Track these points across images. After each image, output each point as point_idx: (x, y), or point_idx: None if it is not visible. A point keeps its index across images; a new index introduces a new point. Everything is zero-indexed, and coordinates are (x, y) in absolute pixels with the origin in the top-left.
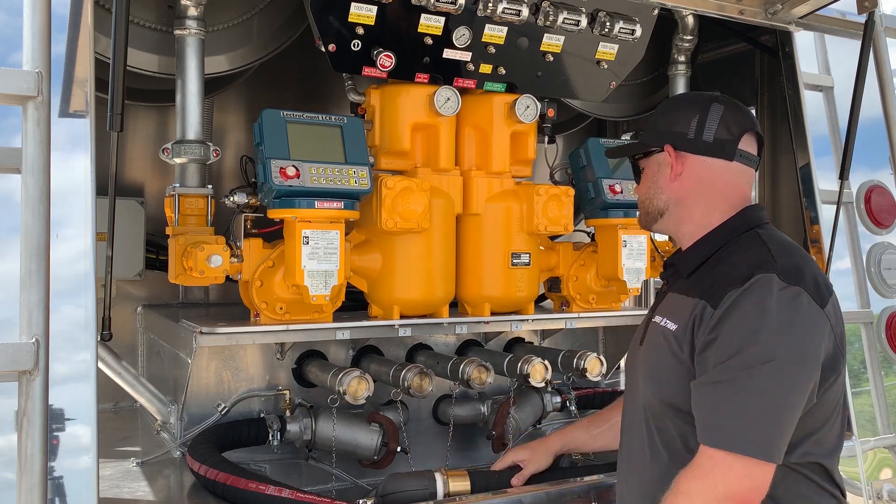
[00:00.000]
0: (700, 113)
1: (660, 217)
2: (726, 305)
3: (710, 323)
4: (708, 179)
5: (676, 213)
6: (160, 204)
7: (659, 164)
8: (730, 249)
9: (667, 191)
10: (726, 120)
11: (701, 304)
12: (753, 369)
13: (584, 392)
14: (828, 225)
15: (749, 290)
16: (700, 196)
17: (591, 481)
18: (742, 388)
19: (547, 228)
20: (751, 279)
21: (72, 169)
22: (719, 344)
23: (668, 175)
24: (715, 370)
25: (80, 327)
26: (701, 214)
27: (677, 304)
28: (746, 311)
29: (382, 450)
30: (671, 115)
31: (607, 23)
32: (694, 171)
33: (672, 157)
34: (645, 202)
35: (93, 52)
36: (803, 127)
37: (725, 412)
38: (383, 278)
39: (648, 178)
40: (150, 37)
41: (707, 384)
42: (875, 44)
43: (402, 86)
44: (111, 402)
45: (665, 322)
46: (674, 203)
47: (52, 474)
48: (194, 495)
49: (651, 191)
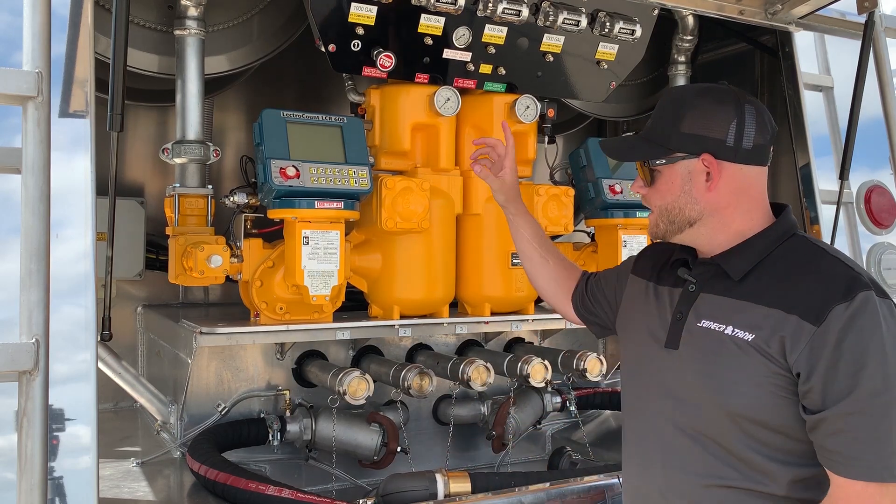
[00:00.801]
0: (737, 117)
1: (688, 227)
2: (837, 325)
3: (819, 342)
4: (745, 187)
5: (711, 224)
6: (160, 204)
7: (690, 171)
8: (786, 255)
9: (701, 201)
10: (760, 123)
11: (792, 318)
12: (889, 394)
13: (584, 392)
14: (828, 225)
15: (859, 309)
16: (739, 205)
17: (591, 481)
18: (884, 417)
19: (547, 228)
20: (853, 295)
21: (72, 169)
22: (845, 369)
23: (704, 184)
24: (850, 400)
25: (80, 327)
26: (740, 223)
27: (734, 310)
28: (866, 334)
29: (382, 450)
30: (702, 118)
31: (607, 23)
32: (733, 181)
33: (712, 165)
34: (671, 211)
35: (93, 52)
36: (803, 127)
37: (875, 445)
38: (383, 278)
39: (673, 185)
40: (150, 37)
41: (845, 415)
42: (875, 44)
43: (402, 86)
44: (111, 402)
45: (725, 329)
46: (709, 213)
47: (52, 474)
48: (194, 495)
49: (681, 200)
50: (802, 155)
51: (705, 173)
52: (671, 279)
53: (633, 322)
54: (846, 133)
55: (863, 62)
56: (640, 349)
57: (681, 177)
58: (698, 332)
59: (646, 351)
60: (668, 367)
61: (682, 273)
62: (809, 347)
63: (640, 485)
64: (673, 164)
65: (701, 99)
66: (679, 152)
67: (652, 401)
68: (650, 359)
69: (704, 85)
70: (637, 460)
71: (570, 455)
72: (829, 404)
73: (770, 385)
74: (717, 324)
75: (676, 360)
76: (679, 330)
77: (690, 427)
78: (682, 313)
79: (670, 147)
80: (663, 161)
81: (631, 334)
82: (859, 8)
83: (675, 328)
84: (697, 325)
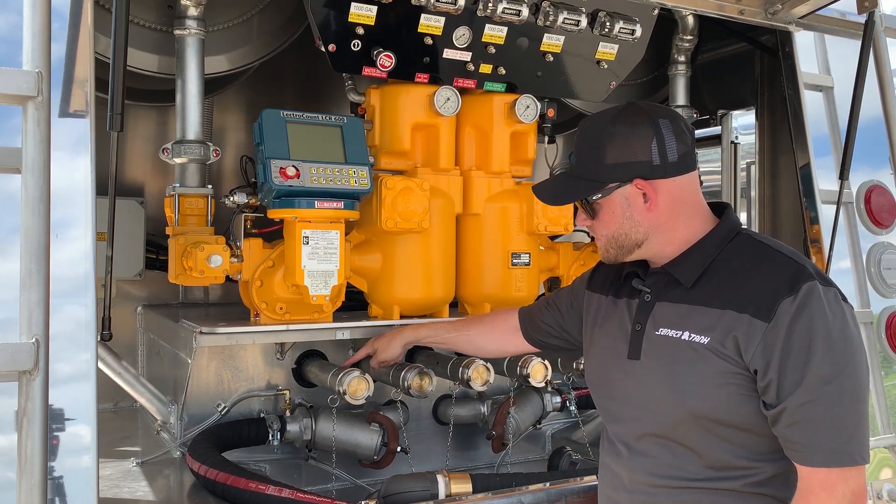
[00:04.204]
0: (656, 135)
1: (637, 248)
2: (786, 319)
3: (771, 338)
4: (681, 197)
5: (657, 239)
6: (160, 204)
7: (626, 197)
8: (732, 255)
9: (644, 222)
10: (679, 132)
11: (744, 318)
12: (839, 380)
13: (583, 392)
14: (828, 225)
15: (805, 301)
16: (678, 215)
17: (591, 481)
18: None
19: (547, 228)
20: (798, 287)
21: (72, 169)
22: (795, 361)
23: (643, 206)
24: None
25: (81, 327)
26: (683, 231)
27: (689, 315)
28: (813, 324)
29: (382, 450)
30: (623, 145)
31: (607, 23)
32: (669, 195)
33: (646, 188)
34: (617, 238)
35: (93, 52)
36: (803, 127)
37: (832, 430)
38: (383, 278)
39: (615, 214)
40: (150, 37)
41: (800, 405)
42: (875, 44)
43: (402, 86)
44: (111, 402)
45: (681, 335)
46: (654, 231)
47: (52, 474)
48: (194, 495)
49: (625, 226)
50: (802, 155)
51: (641, 195)
52: (627, 290)
53: (595, 337)
54: (846, 133)
55: (863, 62)
56: (604, 363)
57: (619, 205)
58: (657, 340)
59: (609, 364)
60: (631, 378)
61: (636, 284)
62: (763, 344)
63: (611, 492)
64: (609, 196)
65: (616, 126)
66: (611, 183)
67: (619, 411)
68: (613, 371)
69: (613, 110)
70: (608, 470)
71: (570, 455)
72: (785, 396)
73: (729, 385)
74: (674, 330)
75: (639, 370)
76: (639, 340)
77: (657, 433)
78: (640, 324)
79: (601, 181)
80: (599, 195)
81: (594, 349)
82: (859, 8)
83: (636, 339)
84: (656, 334)
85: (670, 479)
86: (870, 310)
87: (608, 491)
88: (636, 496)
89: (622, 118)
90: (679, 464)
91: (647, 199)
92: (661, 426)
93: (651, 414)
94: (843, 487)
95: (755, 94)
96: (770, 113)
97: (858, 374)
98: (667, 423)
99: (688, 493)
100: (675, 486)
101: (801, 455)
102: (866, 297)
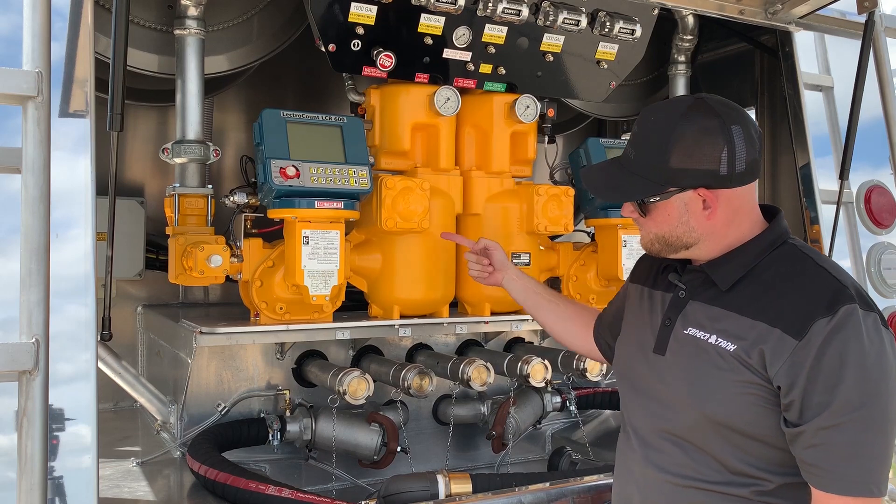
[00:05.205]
0: (727, 144)
1: (685, 249)
2: (818, 340)
3: (800, 356)
4: (740, 206)
5: (708, 243)
6: (160, 204)
7: (685, 203)
8: (774, 264)
9: (699, 228)
10: (749, 140)
11: (775, 332)
12: (867, 409)
13: (584, 392)
14: (828, 225)
15: (841, 324)
16: (733, 222)
17: (591, 481)
18: (862, 432)
19: (547, 228)
20: (836, 309)
21: (72, 169)
22: (824, 383)
23: (702, 214)
24: (827, 414)
25: (81, 327)
26: (734, 237)
27: (720, 319)
28: (847, 348)
29: (382, 450)
30: (692, 150)
31: (607, 23)
32: (730, 204)
33: (708, 196)
34: (667, 238)
35: (93, 52)
36: (803, 127)
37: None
38: (383, 278)
39: (670, 217)
40: (150, 37)
41: (822, 429)
42: (875, 44)
43: (402, 86)
44: (111, 402)
45: (709, 338)
46: (706, 237)
47: (52, 474)
48: (194, 495)
49: (679, 230)
50: (802, 155)
51: (702, 202)
52: (664, 283)
53: (627, 326)
54: (846, 133)
55: (863, 62)
56: (631, 353)
57: (677, 209)
58: (684, 339)
59: (636, 355)
60: (654, 372)
61: (672, 279)
62: (791, 361)
63: (624, 485)
64: (668, 199)
65: (687, 128)
66: (672, 187)
67: (639, 403)
68: (639, 362)
69: (682, 105)
70: (622, 461)
71: (570, 455)
72: (808, 418)
73: (749, 395)
74: (703, 332)
75: (663, 366)
76: (667, 336)
77: (673, 431)
78: (670, 320)
79: (662, 182)
80: (657, 198)
81: (624, 339)
82: (859, 8)
83: (664, 334)
84: (684, 333)
85: (681, 477)
86: None
87: (620, 481)
88: (646, 491)
89: (693, 117)
90: (691, 464)
91: (706, 207)
92: (677, 425)
93: (669, 411)
94: None
95: (755, 94)
96: (770, 113)
97: (888, 406)
98: (683, 422)
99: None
100: (684, 486)
101: (817, 479)
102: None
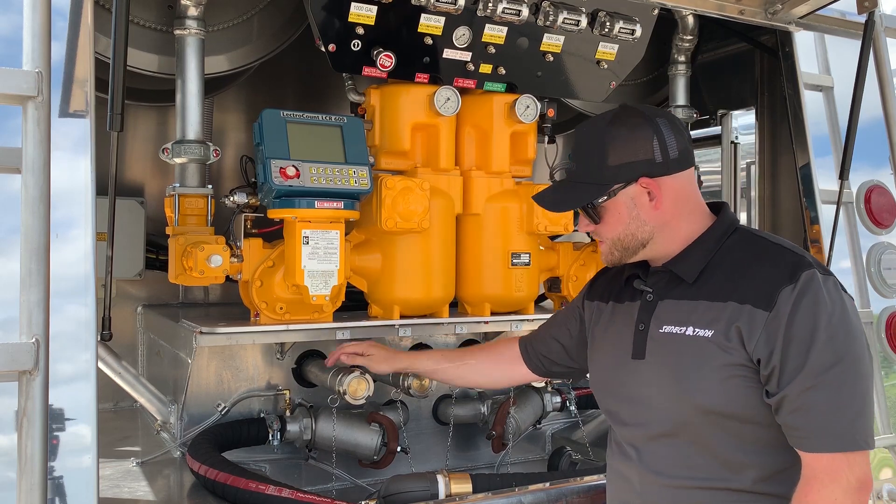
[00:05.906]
0: (656, 134)
1: (642, 248)
2: (786, 308)
3: (773, 326)
4: (683, 194)
5: (662, 238)
6: (160, 204)
7: (631, 197)
8: (732, 250)
9: (650, 220)
10: (676, 129)
11: (745, 308)
12: (840, 366)
13: (584, 392)
14: (828, 225)
15: (805, 288)
16: (681, 212)
17: (592, 481)
18: (839, 388)
19: (547, 228)
20: (797, 276)
21: (72, 169)
22: (797, 348)
23: (649, 205)
24: (804, 376)
25: (81, 327)
26: (686, 228)
27: (692, 311)
28: (813, 310)
29: (382, 450)
30: (625, 145)
31: (607, 23)
32: (672, 191)
33: (651, 185)
34: (623, 239)
35: (93, 52)
36: (803, 127)
37: (834, 416)
38: (383, 278)
39: (621, 216)
40: (150, 37)
41: (801, 391)
42: (875, 44)
43: (402, 86)
44: (111, 402)
45: (685, 330)
46: (659, 229)
47: (52, 474)
48: (194, 495)
49: (632, 226)
50: (802, 155)
51: (647, 193)
52: (629, 293)
53: (598, 343)
54: (846, 133)
55: (863, 62)
56: (609, 366)
57: (625, 206)
58: (661, 338)
59: (614, 366)
60: (637, 378)
61: (638, 285)
62: (765, 333)
63: (621, 496)
64: (614, 198)
65: (615, 128)
66: (616, 184)
67: (626, 414)
68: (620, 373)
69: (607, 115)
70: (616, 474)
71: (570, 455)
72: (786, 383)
73: (735, 377)
74: (678, 327)
75: (645, 370)
76: (644, 340)
77: (665, 433)
78: (644, 324)
79: (605, 183)
80: (605, 198)
81: (597, 355)
82: (859, 8)
83: (640, 339)
84: (660, 332)
85: (682, 479)
86: (870, 310)
87: (618, 495)
88: (648, 498)
89: (620, 120)
90: (689, 463)
91: (652, 198)
92: (669, 425)
93: (658, 413)
94: (847, 474)
95: (755, 94)
96: (770, 113)
97: (860, 360)
98: (675, 420)
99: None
100: (686, 486)
101: (804, 441)
102: (866, 298)
